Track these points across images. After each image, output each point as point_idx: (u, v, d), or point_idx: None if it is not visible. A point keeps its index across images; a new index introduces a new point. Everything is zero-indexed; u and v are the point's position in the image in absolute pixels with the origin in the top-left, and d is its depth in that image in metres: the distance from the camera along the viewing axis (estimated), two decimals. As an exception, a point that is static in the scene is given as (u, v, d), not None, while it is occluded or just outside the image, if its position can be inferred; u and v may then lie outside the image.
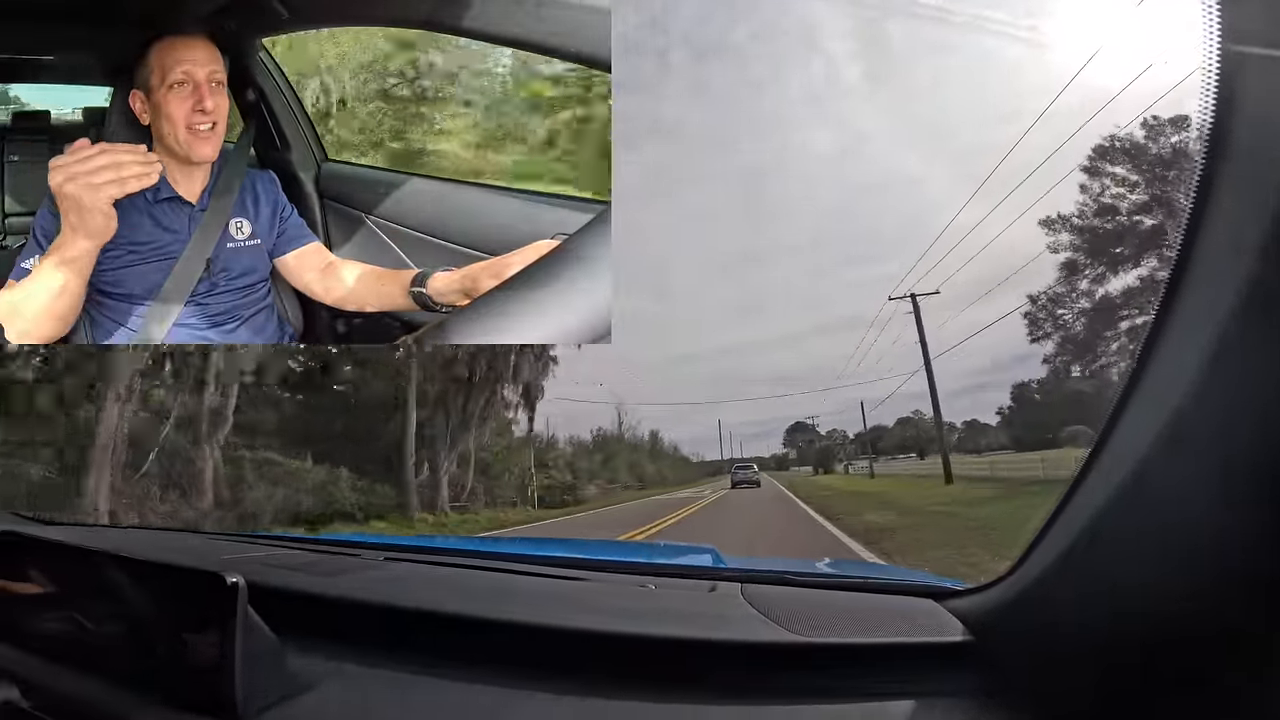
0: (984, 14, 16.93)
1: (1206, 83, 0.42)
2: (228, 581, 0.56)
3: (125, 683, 0.61)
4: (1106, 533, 0.50)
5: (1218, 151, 0.42)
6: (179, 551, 1.14)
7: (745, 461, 33.75)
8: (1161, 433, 0.44)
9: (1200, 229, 0.43)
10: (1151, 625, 0.47)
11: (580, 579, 0.94)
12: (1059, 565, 0.54)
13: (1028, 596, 0.59)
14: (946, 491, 14.73)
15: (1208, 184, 0.43)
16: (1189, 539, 0.44)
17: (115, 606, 0.62)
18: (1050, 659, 0.55)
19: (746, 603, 0.78)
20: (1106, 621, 0.50)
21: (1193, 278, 0.44)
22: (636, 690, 0.62)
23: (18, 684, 0.62)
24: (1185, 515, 0.44)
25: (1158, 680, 0.47)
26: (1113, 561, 0.49)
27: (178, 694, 0.58)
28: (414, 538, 1.20)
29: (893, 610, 0.76)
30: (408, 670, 0.67)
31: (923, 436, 46.65)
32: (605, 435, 31.45)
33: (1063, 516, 0.54)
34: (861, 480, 29.12)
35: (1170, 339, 0.45)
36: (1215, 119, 0.42)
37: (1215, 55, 0.41)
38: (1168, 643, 0.46)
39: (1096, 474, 0.51)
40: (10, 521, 1.16)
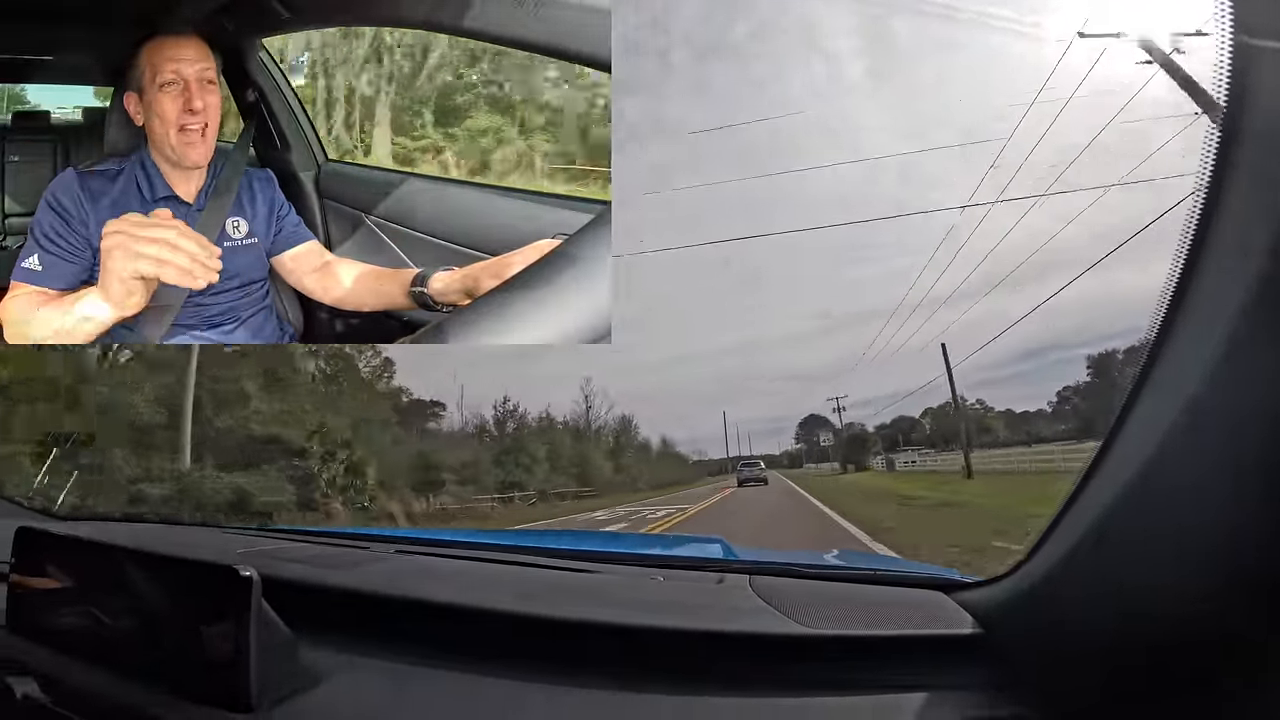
0: (989, 10, 16.84)
1: (1218, 78, 0.42)
2: (242, 575, 0.57)
3: (141, 675, 0.61)
4: (1114, 531, 0.50)
5: (1227, 149, 0.42)
6: (193, 545, 1.15)
7: (752, 459, 31.96)
8: (1170, 431, 0.44)
9: (1209, 227, 0.43)
10: (1159, 626, 0.47)
11: (589, 571, 0.95)
12: (1067, 562, 0.54)
13: (1037, 591, 0.59)
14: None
15: (1217, 182, 0.42)
16: (1197, 538, 0.43)
17: (131, 600, 0.62)
18: (1058, 656, 0.55)
19: (755, 594, 0.78)
20: (1114, 620, 0.50)
21: (1201, 275, 0.43)
22: (645, 682, 0.62)
23: (36, 678, 0.62)
24: (1195, 515, 0.44)
25: (1164, 681, 0.47)
26: (1120, 560, 0.49)
27: (193, 686, 0.58)
28: (424, 531, 1.22)
29: (902, 602, 0.76)
30: (418, 662, 0.67)
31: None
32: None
33: (1071, 512, 0.54)
34: (930, 479, 18.09)
35: (1179, 336, 0.45)
36: (1226, 115, 0.42)
37: (1227, 50, 0.41)
38: (1174, 644, 0.46)
39: (1105, 471, 0.51)
40: (25, 517, 1.16)
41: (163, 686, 0.60)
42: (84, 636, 0.65)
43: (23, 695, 0.60)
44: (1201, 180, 0.43)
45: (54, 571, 0.69)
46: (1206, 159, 0.43)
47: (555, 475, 20.87)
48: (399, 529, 5.18)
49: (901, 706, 0.59)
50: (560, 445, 22.84)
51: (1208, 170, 0.43)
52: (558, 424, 25.06)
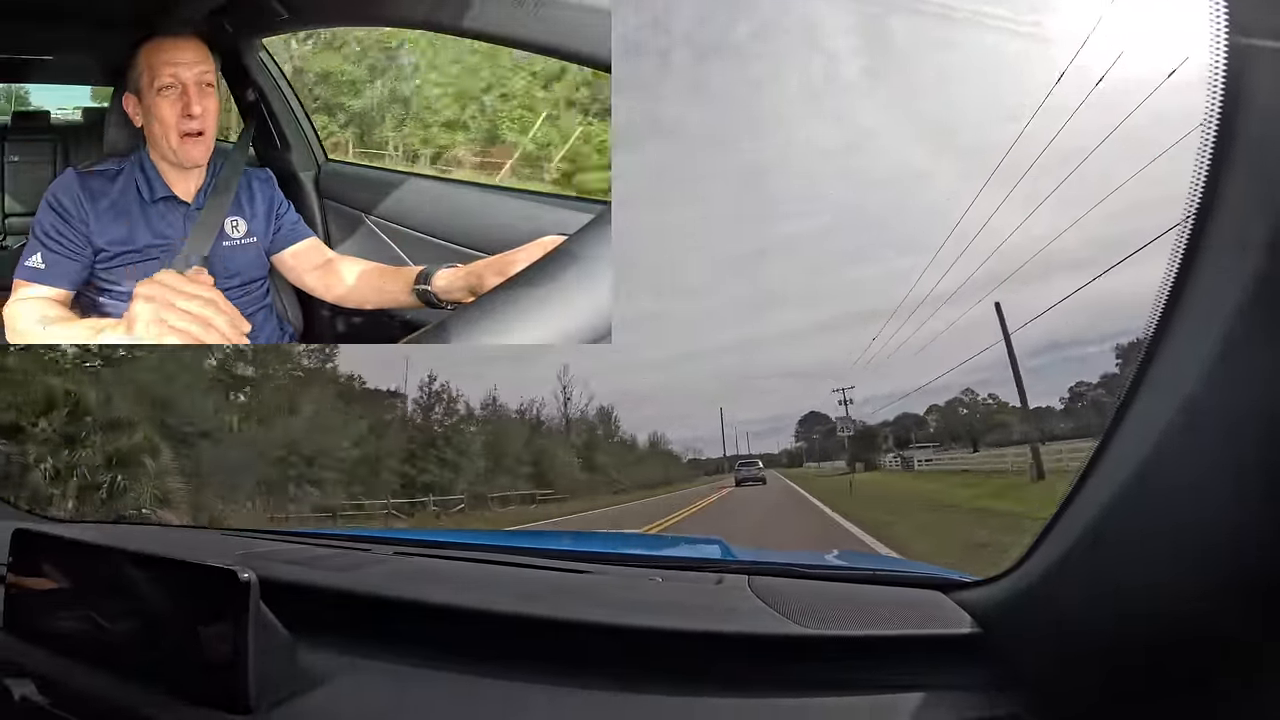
0: (985, 9, 16.82)
1: (1213, 77, 0.42)
2: (240, 577, 0.57)
3: (139, 677, 0.61)
4: (1112, 531, 0.49)
5: (1223, 147, 0.42)
6: (192, 547, 1.15)
7: (750, 458, 31.22)
8: (1168, 430, 0.44)
9: (1206, 224, 0.43)
10: (1156, 626, 0.47)
11: (587, 572, 0.95)
12: (1065, 561, 0.54)
13: (1035, 591, 0.59)
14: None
15: (1214, 180, 0.42)
16: (1195, 538, 0.43)
17: (129, 603, 0.62)
18: (1056, 655, 0.55)
19: (754, 595, 0.78)
20: (1112, 620, 0.50)
21: (1199, 274, 0.43)
22: (645, 682, 0.62)
23: (33, 680, 0.62)
24: (1192, 514, 0.43)
25: (1161, 681, 0.47)
26: (1118, 560, 0.49)
27: (191, 688, 0.58)
28: (422, 532, 1.21)
29: (900, 602, 0.76)
30: (417, 663, 0.67)
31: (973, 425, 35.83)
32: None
33: (1069, 512, 0.54)
34: (958, 480, 15.46)
35: (1177, 335, 0.45)
36: (1221, 114, 0.42)
37: (1223, 48, 0.41)
38: (1172, 644, 0.46)
39: (1102, 471, 0.51)
40: (23, 519, 1.16)
41: (160, 688, 0.60)
42: (81, 638, 0.65)
43: (20, 697, 0.61)
44: (1198, 178, 0.43)
45: (51, 573, 0.69)
46: (1203, 156, 0.43)
47: (500, 475, 17.26)
48: (399, 530, 5.18)
49: (899, 706, 0.59)
50: (507, 439, 18.79)
51: (1204, 167, 0.42)
52: (512, 414, 20.96)
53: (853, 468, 28.40)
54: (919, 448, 33.34)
